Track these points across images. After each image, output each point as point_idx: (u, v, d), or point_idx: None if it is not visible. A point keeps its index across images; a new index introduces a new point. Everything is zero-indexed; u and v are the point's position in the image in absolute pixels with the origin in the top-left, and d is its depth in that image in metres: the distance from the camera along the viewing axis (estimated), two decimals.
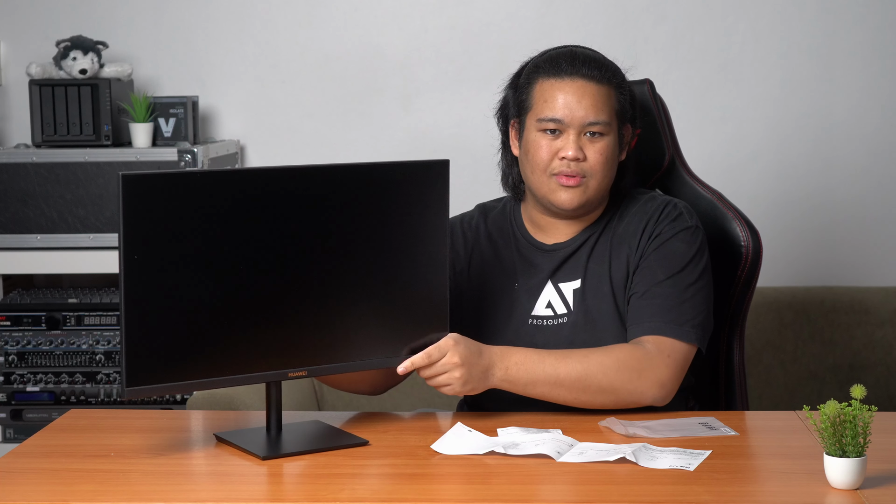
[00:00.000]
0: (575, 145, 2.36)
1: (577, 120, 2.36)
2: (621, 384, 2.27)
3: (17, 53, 3.82)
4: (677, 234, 2.40)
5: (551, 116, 2.37)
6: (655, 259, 2.38)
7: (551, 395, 2.28)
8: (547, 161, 2.38)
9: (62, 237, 3.54)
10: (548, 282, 2.44)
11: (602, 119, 2.37)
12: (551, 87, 2.38)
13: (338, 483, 1.98)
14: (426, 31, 3.79)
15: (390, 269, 2.22)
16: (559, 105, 2.37)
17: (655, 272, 2.37)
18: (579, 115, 2.36)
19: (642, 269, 2.38)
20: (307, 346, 2.18)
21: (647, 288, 2.36)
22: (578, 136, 2.37)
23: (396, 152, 3.75)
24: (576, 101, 2.36)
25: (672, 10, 3.73)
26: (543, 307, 2.43)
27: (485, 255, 2.50)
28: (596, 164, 2.37)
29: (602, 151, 2.37)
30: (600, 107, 2.37)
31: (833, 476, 1.90)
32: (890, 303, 3.42)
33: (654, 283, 2.36)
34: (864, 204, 3.75)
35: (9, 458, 2.10)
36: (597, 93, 2.37)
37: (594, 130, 2.37)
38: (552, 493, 1.96)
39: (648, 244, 2.40)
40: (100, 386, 3.53)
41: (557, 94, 2.37)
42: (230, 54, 3.83)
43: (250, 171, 2.16)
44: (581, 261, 2.43)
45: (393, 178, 2.23)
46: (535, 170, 2.40)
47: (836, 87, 3.73)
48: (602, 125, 2.37)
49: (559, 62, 2.40)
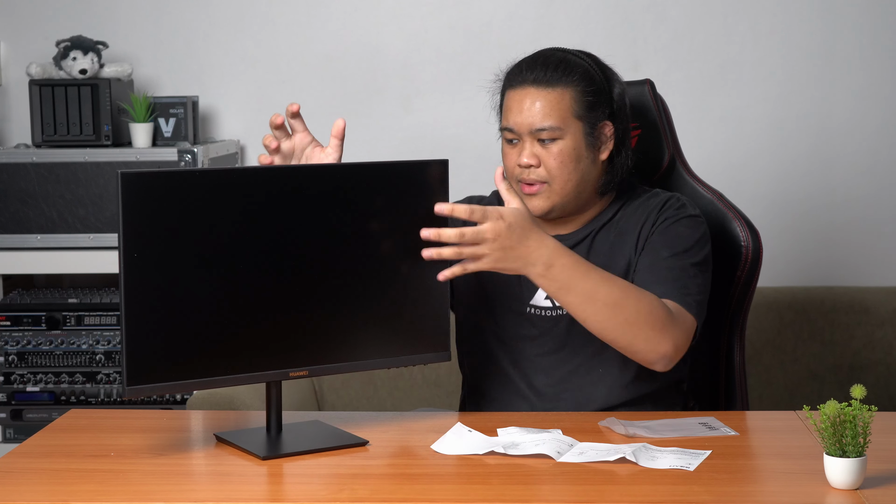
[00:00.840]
0: (528, 152, 2.37)
1: (525, 127, 2.37)
2: (647, 326, 2.23)
3: (17, 53, 3.82)
4: (681, 220, 2.39)
5: (507, 126, 2.40)
6: (660, 240, 2.37)
7: (580, 311, 2.23)
8: (511, 170, 2.41)
9: (62, 237, 3.54)
10: None
11: (550, 123, 2.36)
12: (510, 96, 2.41)
13: (338, 483, 1.98)
14: (426, 31, 3.79)
15: (391, 268, 2.22)
16: (512, 114, 2.39)
17: (659, 251, 2.36)
18: (527, 121, 2.37)
19: (647, 251, 2.37)
20: (308, 345, 2.18)
21: (651, 262, 2.35)
22: (533, 143, 2.38)
23: (396, 152, 3.75)
24: (526, 108, 2.37)
25: (672, 10, 3.73)
26: (543, 297, 2.43)
27: None
28: (553, 168, 2.37)
29: (557, 155, 2.36)
30: (548, 111, 2.36)
31: (833, 476, 1.90)
32: (890, 303, 3.42)
33: (659, 258, 2.35)
34: (864, 204, 3.75)
35: (9, 458, 2.10)
36: (545, 97, 2.37)
37: (544, 137, 2.37)
38: (552, 493, 1.96)
39: (653, 230, 2.39)
40: (100, 386, 3.53)
41: (513, 103, 2.40)
42: (230, 54, 3.83)
43: (250, 170, 2.16)
44: (581, 253, 2.42)
45: (393, 177, 2.23)
46: (510, 178, 2.42)
47: (836, 87, 3.73)
48: (551, 129, 2.36)
49: (520, 69, 2.41)
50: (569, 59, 2.41)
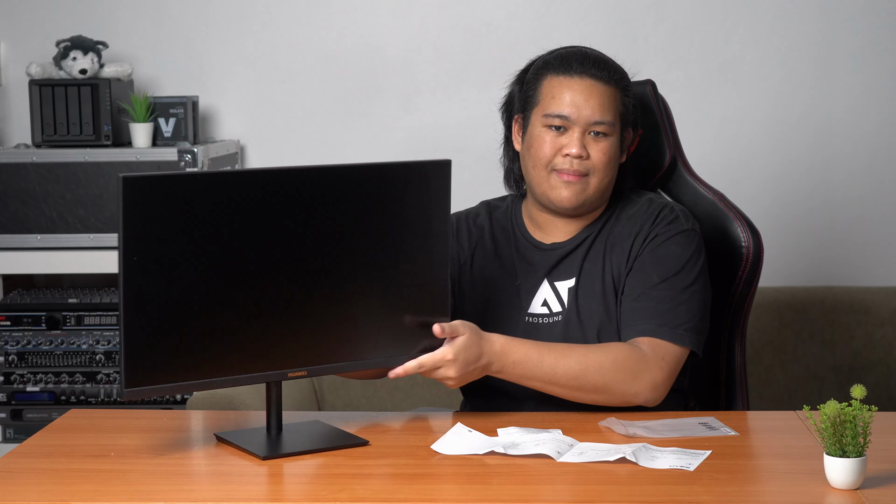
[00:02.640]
0: (579, 143, 2.37)
1: (583, 118, 2.38)
2: (615, 384, 2.28)
3: (17, 53, 3.82)
4: (673, 237, 2.40)
5: (558, 112, 2.38)
6: (650, 262, 2.39)
7: (546, 391, 2.30)
8: (550, 157, 2.39)
9: (62, 237, 3.54)
10: (544, 280, 2.46)
11: (607, 119, 2.38)
12: (560, 83, 2.40)
13: (338, 483, 1.98)
14: (426, 31, 3.79)
15: (391, 269, 2.22)
16: (566, 102, 2.38)
17: (650, 275, 2.37)
18: (586, 113, 2.38)
19: (636, 272, 2.39)
20: (307, 345, 2.18)
21: (641, 290, 2.37)
22: (583, 135, 2.38)
23: (396, 152, 3.75)
24: (583, 100, 2.38)
25: (672, 10, 3.73)
26: (539, 305, 2.45)
27: (487, 253, 2.51)
28: (599, 162, 2.38)
29: (605, 151, 2.39)
30: (606, 107, 2.39)
31: (833, 476, 1.90)
32: (890, 303, 3.42)
33: (649, 285, 2.37)
34: (864, 204, 3.75)
35: (9, 458, 2.10)
36: (604, 93, 2.39)
37: (599, 130, 2.38)
38: (552, 493, 1.96)
39: (643, 246, 2.40)
40: (100, 386, 3.53)
41: (565, 92, 2.39)
42: (230, 54, 3.83)
43: (250, 172, 2.16)
44: (577, 260, 2.44)
45: (394, 178, 2.23)
46: (536, 164, 2.41)
47: (836, 87, 3.73)
48: (607, 125, 2.39)
49: (570, 60, 2.41)
50: (613, 62, 2.45)
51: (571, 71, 2.40)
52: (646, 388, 2.29)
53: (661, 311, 2.34)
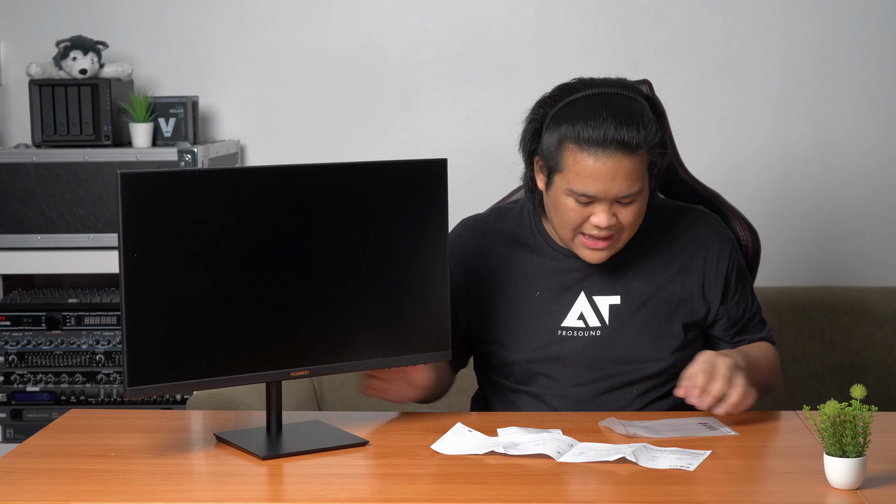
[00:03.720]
0: (607, 214, 2.27)
1: (611, 196, 2.25)
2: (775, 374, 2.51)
3: (17, 53, 3.82)
4: (734, 247, 2.47)
5: (583, 192, 2.25)
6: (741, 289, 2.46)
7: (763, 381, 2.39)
8: (577, 223, 2.30)
9: (62, 237, 3.54)
10: (580, 294, 2.40)
11: (635, 189, 2.26)
12: (584, 160, 2.23)
13: (338, 483, 1.98)
14: (426, 31, 3.79)
15: (390, 267, 2.22)
16: (591, 182, 2.24)
17: (745, 295, 2.48)
18: (613, 191, 2.25)
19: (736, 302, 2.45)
20: (308, 345, 2.18)
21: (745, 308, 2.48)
22: (612, 205, 2.27)
23: (396, 152, 3.75)
24: (611, 179, 2.24)
25: (672, 10, 3.73)
26: (575, 318, 2.39)
27: (500, 261, 2.44)
28: (628, 224, 2.30)
29: (635, 213, 2.30)
30: (635, 178, 2.25)
31: (833, 476, 1.90)
32: (890, 303, 3.41)
33: (746, 300, 2.48)
34: (864, 204, 3.75)
35: (9, 458, 2.10)
36: (631, 165, 2.24)
37: (626, 201, 2.28)
38: (552, 493, 1.96)
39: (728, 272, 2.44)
40: (100, 386, 3.53)
41: (590, 170, 2.23)
42: (230, 54, 3.83)
43: (249, 170, 2.16)
44: (618, 275, 2.39)
45: (391, 177, 2.23)
46: (563, 227, 2.33)
47: (836, 87, 3.73)
48: (636, 194, 2.28)
49: (588, 123, 2.23)
50: (640, 109, 2.27)
51: (595, 146, 2.22)
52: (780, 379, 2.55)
53: (762, 321, 2.52)
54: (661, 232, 2.43)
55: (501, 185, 2.71)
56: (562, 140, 2.26)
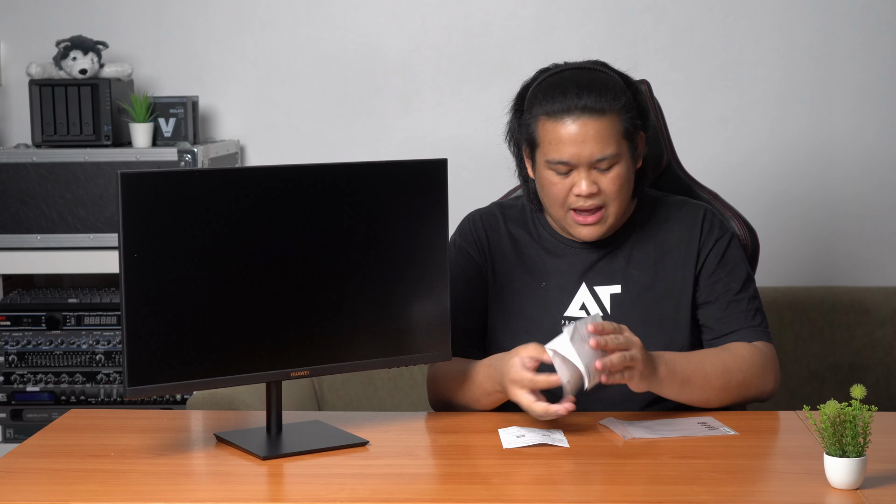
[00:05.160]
0: (587, 181, 2.32)
1: (584, 159, 2.31)
2: (753, 379, 2.34)
3: (17, 53, 3.82)
4: (730, 242, 2.44)
5: (559, 160, 2.32)
6: (724, 270, 2.41)
7: (696, 395, 2.30)
8: (563, 197, 2.36)
9: (62, 237, 3.54)
10: (582, 283, 2.43)
11: (609, 153, 2.32)
12: (554, 128, 2.32)
13: (338, 483, 1.98)
14: (426, 31, 3.79)
15: (390, 267, 2.22)
16: (565, 147, 2.31)
17: (729, 284, 2.42)
18: (586, 154, 2.31)
19: (713, 282, 2.41)
20: (308, 345, 2.18)
21: (728, 300, 2.41)
22: (589, 171, 2.33)
23: (396, 152, 3.75)
24: (581, 142, 2.30)
25: (672, 10, 3.73)
26: (577, 308, 2.42)
27: (507, 254, 2.48)
28: (611, 192, 2.34)
29: (615, 180, 2.34)
30: (606, 140, 2.31)
31: (833, 476, 1.90)
32: (890, 303, 3.41)
33: (732, 293, 2.41)
34: (864, 204, 3.75)
35: (9, 458, 2.10)
36: (600, 127, 2.31)
37: (603, 166, 2.33)
38: (553, 493, 1.96)
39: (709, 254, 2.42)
40: (100, 386, 3.53)
41: (562, 135, 2.31)
42: (230, 54, 3.83)
43: (249, 169, 2.16)
44: (619, 266, 2.43)
45: (391, 177, 2.23)
46: (552, 204, 2.39)
47: (836, 87, 3.73)
48: (610, 157, 2.32)
49: (555, 97, 2.33)
50: (604, 78, 2.35)
51: (562, 113, 2.31)
52: (773, 380, 2.38)
53: (749, 315, 2.40)
54: (660, 222, 2.45)
55: (501, 186, 2.71)
56: (535, 117, 2.35)
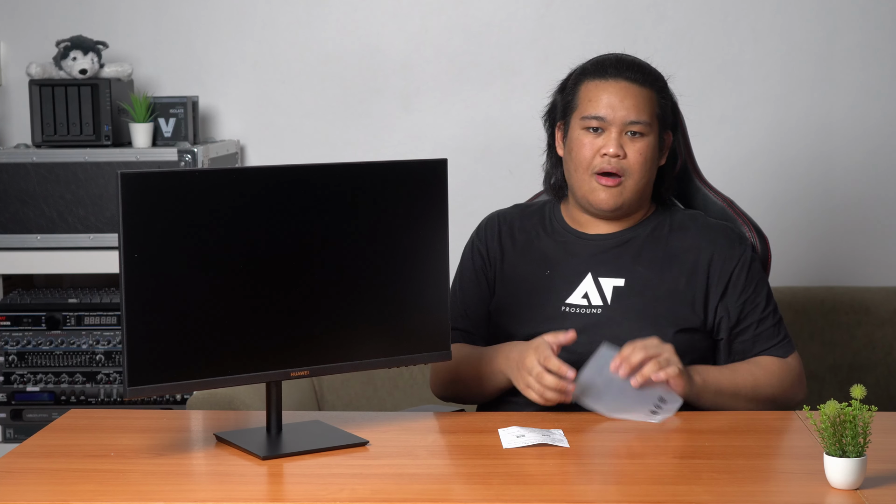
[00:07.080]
0: (616, 143, 2.43)
1: (618, 118, 2.44)
2: (783, 392, 2.44)
3: (17, 53, 3.82)
4: (752, 258, 2.51)
5: (594, 114, 2.45)
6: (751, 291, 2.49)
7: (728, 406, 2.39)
8: (589, 158, 2.45)
9: (62, 237, 3.54)
10: (587, 274, 2.49)
11: (643, 119, 2.45)
12: (596, 87, 2.47)
13: (338, 483, 1.98)
14: (426, 31, 3.79)
15: (390, 267, 2.22)
16: (602, 104, 2.45)
17: (757, 302, 2.49)
18: (621, 113, 2.44)
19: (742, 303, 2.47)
20: (308, 345, 2.18)
21: (758, 317, 2.49)
22: (620, 135, 2.44)
23: (396, 152, 3.75)
24: (618, 101, 2.45)
25: (672, 10, 3.73)
26: (580, 297, 2.47)
27: (518, 244, 2.56)
28: (635, 162, 2.45)
29: (642, 151, 2.45)
30: (641, 107, 2.45)
31: (833, 476, 1.90)
32: (890, 303, 3.41)
33: (761, 310, 2.49)
34: (864, 204, 3.75)
35: (9, 458, 2.10)
36: (639, 94, 2.46)
37: (635, 130, 2.45)
38: (553, 493, 1.96)
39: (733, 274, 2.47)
40: (100, 386, 3.53)
41: (601, 94, 2.46)
42: (230, 54, 3.83)
43: (249, 169, 2.16)
44: (625, 260, 2.49)
45: (391, 177, 2.23)
46: (577, 167, 2.47)
47: (836, 87, 3.73)
48: (643, 125, 2.45)
49: (605, 65, 2.49)
50: (648, 65, 2.53)
51: (606, 74, 2.47)
52: (801, 392, 2.48)
53: (776, 331, 2.50)
54: (674, 229, 2.52)
55: (501, 186, 2.72)
56: (578, 83, 2.51)
